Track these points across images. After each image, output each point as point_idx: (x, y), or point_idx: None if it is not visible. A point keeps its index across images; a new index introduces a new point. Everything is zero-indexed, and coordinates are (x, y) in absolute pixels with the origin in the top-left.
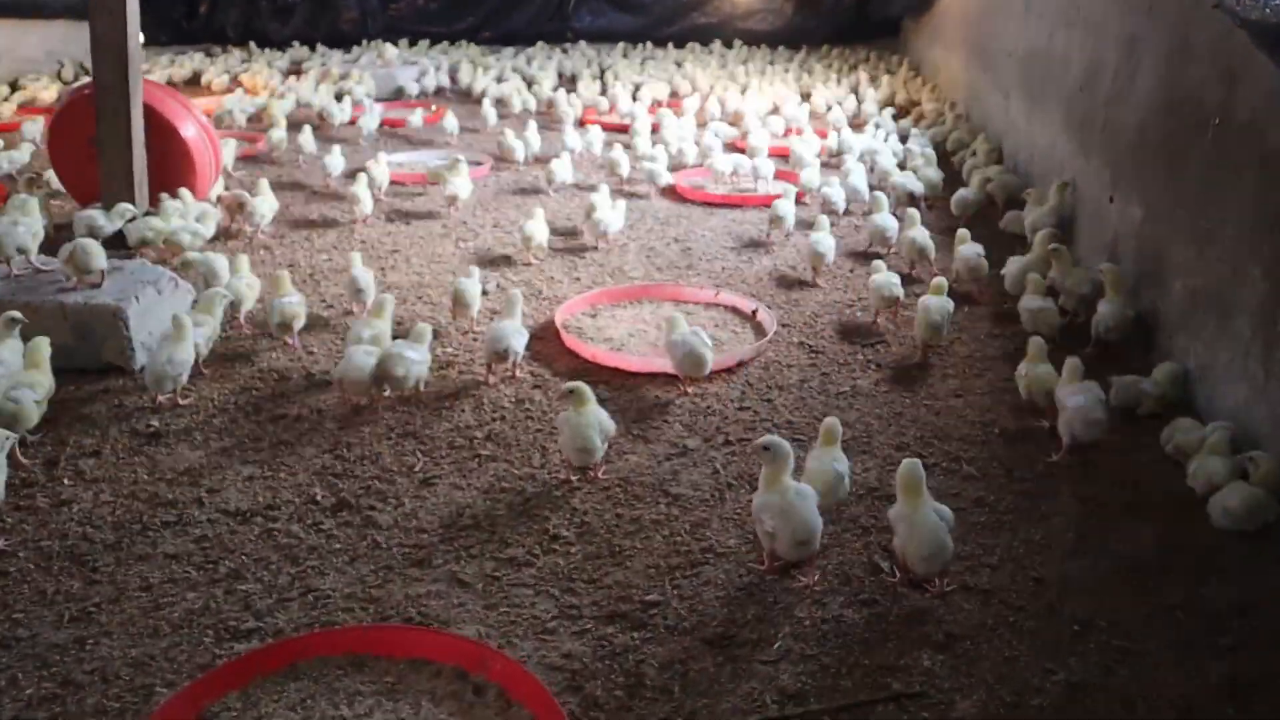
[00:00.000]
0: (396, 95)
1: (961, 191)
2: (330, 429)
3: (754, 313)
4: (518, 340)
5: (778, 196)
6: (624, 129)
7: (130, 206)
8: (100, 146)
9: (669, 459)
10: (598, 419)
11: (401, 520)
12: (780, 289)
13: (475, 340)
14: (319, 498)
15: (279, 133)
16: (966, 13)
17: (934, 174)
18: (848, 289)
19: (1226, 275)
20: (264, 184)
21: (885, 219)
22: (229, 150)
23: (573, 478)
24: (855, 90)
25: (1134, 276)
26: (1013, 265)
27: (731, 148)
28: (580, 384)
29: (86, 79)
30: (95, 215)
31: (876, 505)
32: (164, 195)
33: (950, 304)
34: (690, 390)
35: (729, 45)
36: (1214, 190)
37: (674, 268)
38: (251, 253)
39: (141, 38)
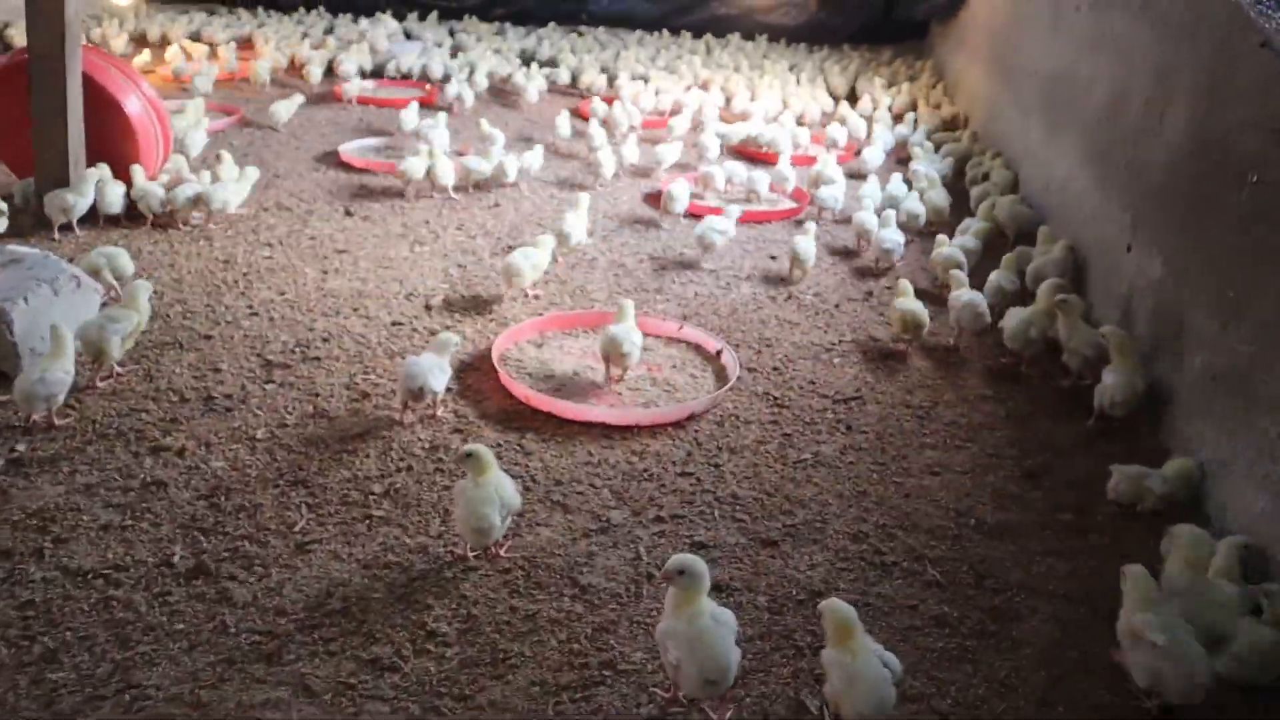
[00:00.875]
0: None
1: (958, 240)
2: (215, 468)
3: (718, 353)
4: (436, 379)
5: (776, 214)
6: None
7: (95, 171)
8: (35, 118)
9: (587, 536)
10: (498, 492)
11: (261, 596)
12: (755, 324)
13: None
14: (176, 559)
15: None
16: (992, 24)
17: (939, 198)
18: (829, 328)
19: (1254, 357)
20: (228, 162)
21: (866, 217)
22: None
23: (470, 554)
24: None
25: (1148, 341)
26: (1013, 317)
27: (742, 155)
28: (479, 449)
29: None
30: (65, 195)
31: (816, 618)
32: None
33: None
34: (615, 384)
35: (749, 38)
36: (1247, 256)
37: (642, 291)
38: (192, 242)
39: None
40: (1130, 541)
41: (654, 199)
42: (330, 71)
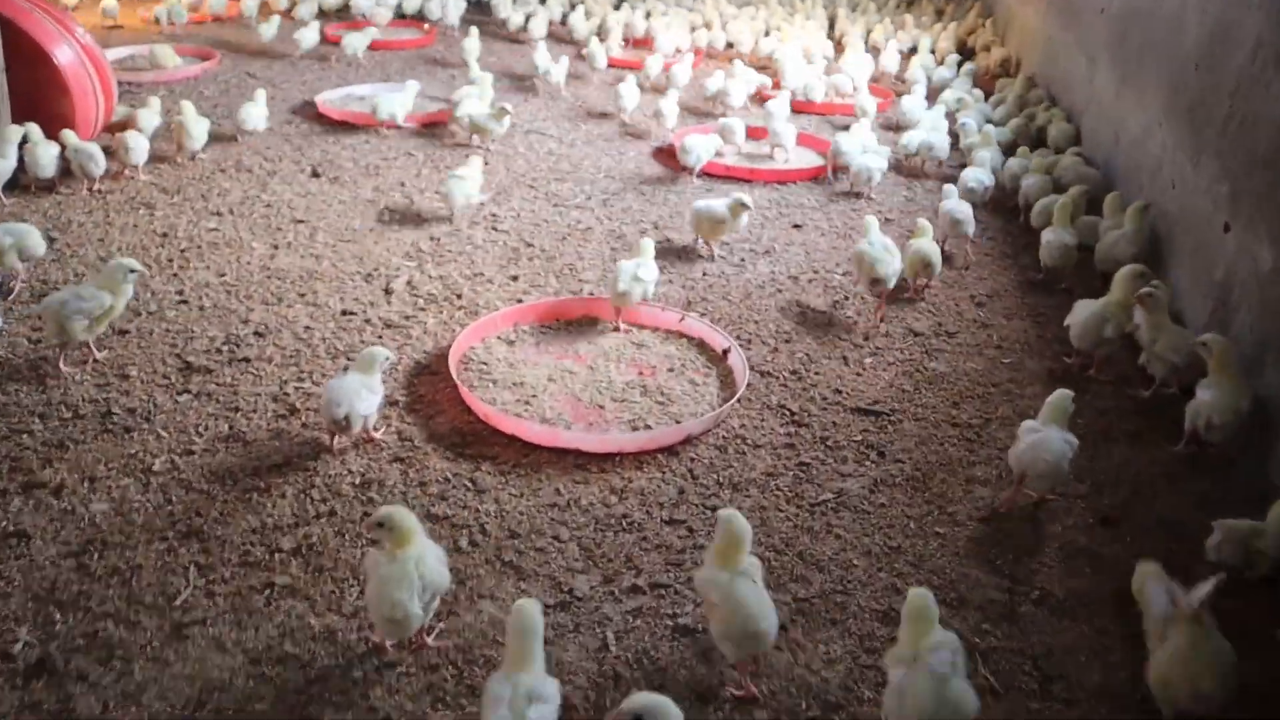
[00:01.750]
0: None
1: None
2: (94, 512)
3: (725, 353)
4: (363, 403)
5: (796, 173)
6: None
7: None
8: None
9: (543, 614)
10: (419, 568)
11: (114, 706)
12: (772, 313)
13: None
14: (18, 648)
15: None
16: None
17: (989, 157)
18: (862, 318)
19: None
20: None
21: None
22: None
23: (388, 645)
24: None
25: (1252, 348)
26: (1082, 310)
27: (759, 99)
28: (395, 514)
29: None
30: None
31: None
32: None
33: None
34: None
35: None
36: None
37: None
38: (130, 210)
39: None
40: (1242, 619)
41: (664, 155)
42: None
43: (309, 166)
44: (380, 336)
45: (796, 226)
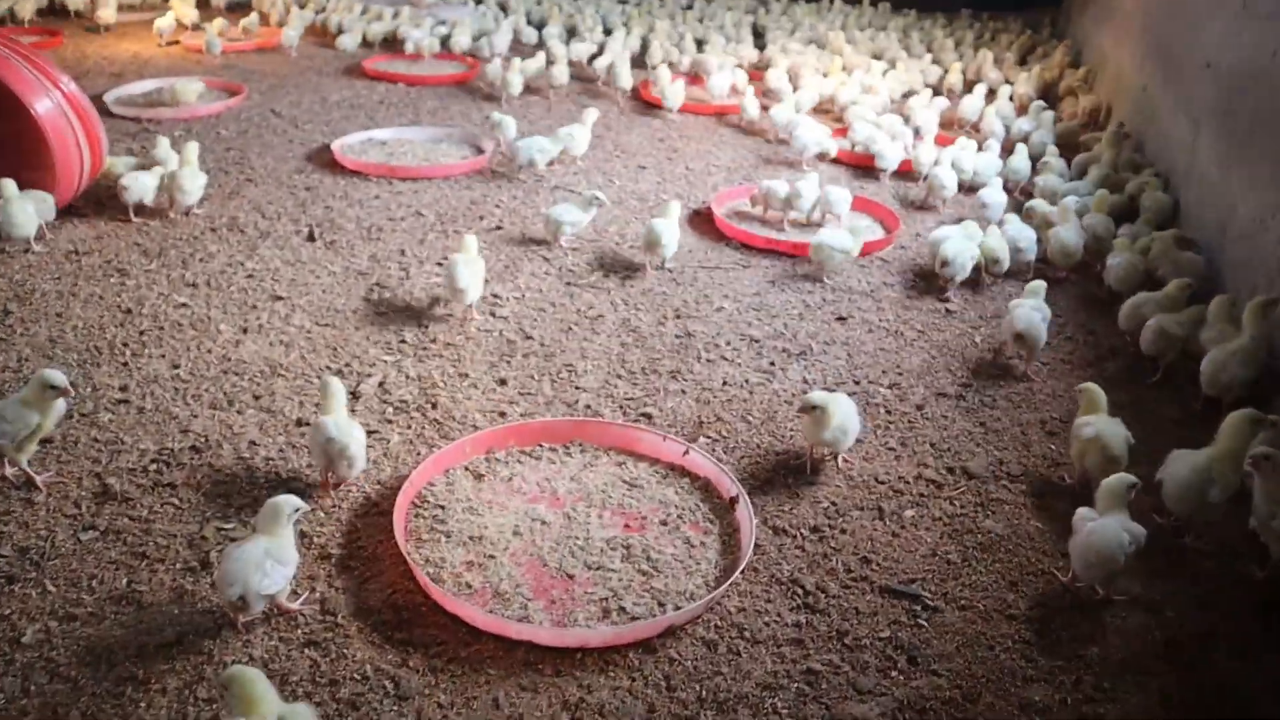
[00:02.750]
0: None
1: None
2: None
3: (733, 501)
4: (266, 578)
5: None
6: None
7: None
8: None
9: None
10: None
11: None
12: (799, 437)
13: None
14: None
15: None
16: None
17: (1071, 235)
18: (906, 448)
19: None
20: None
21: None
22: None
23: None
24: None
25: None
26: (1181, 465)
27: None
28: (241, 676)
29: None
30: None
31: None
32: None
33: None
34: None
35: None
36: None
37: (651, 374)
38: (104, 278)
39: None
40: None
41: (701, 220)
42: (367, 41)
43: (307, 227)
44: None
45: (841, 319)
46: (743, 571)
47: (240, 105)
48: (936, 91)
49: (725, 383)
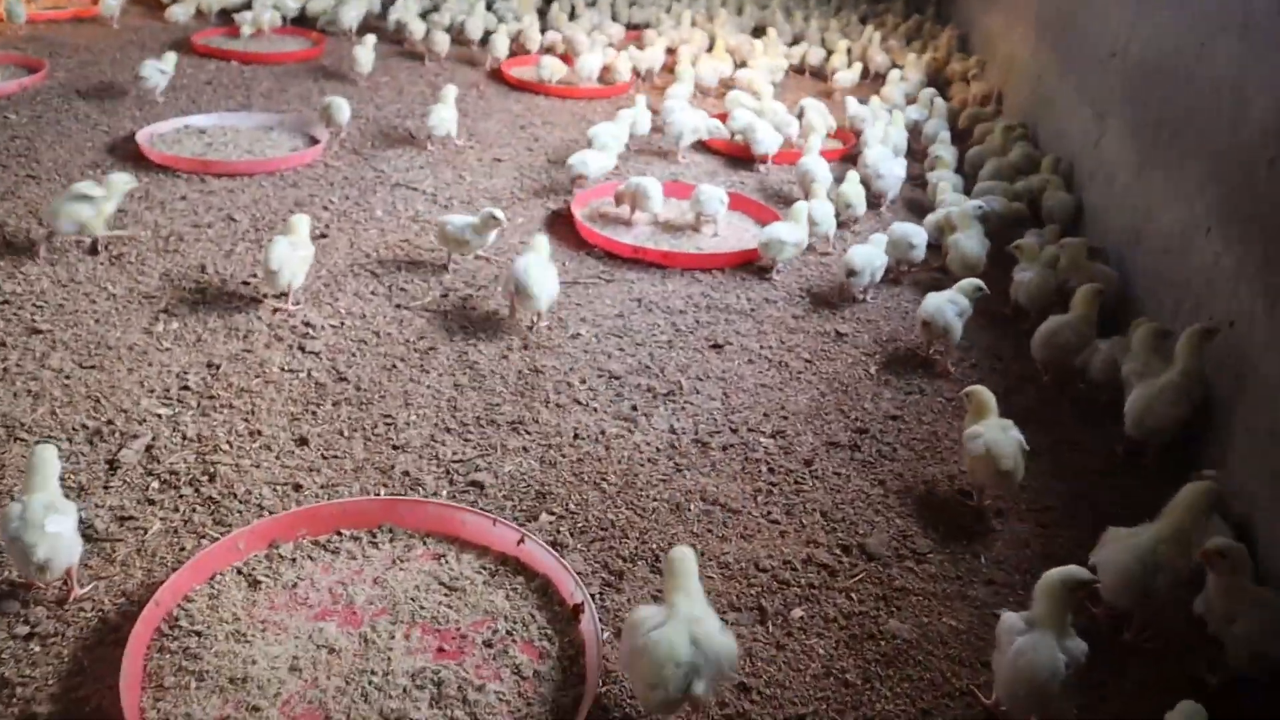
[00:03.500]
0: None
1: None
2: None
3: (577, 611)
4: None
5: (726, 258)
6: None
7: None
8: None
9: None
10: None
11: None
12: (667, 512)
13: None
14: None
15: None
16: None
17: (973, 245)
18: (794, 510)
19: None
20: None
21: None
22: None
23: None
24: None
25: None
26: (1119, 552)
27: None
28: None
29: None
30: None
31: None
32: None
33: None
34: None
35: None
36: None
37: (488, 425)
38: None
39: None
40: None
41: (566, 224)
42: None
43: (90, 236)
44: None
45: (716, 347)
46: (587, 716)
47: (38, 85)
48: (816, 74)
49: (577, 434)
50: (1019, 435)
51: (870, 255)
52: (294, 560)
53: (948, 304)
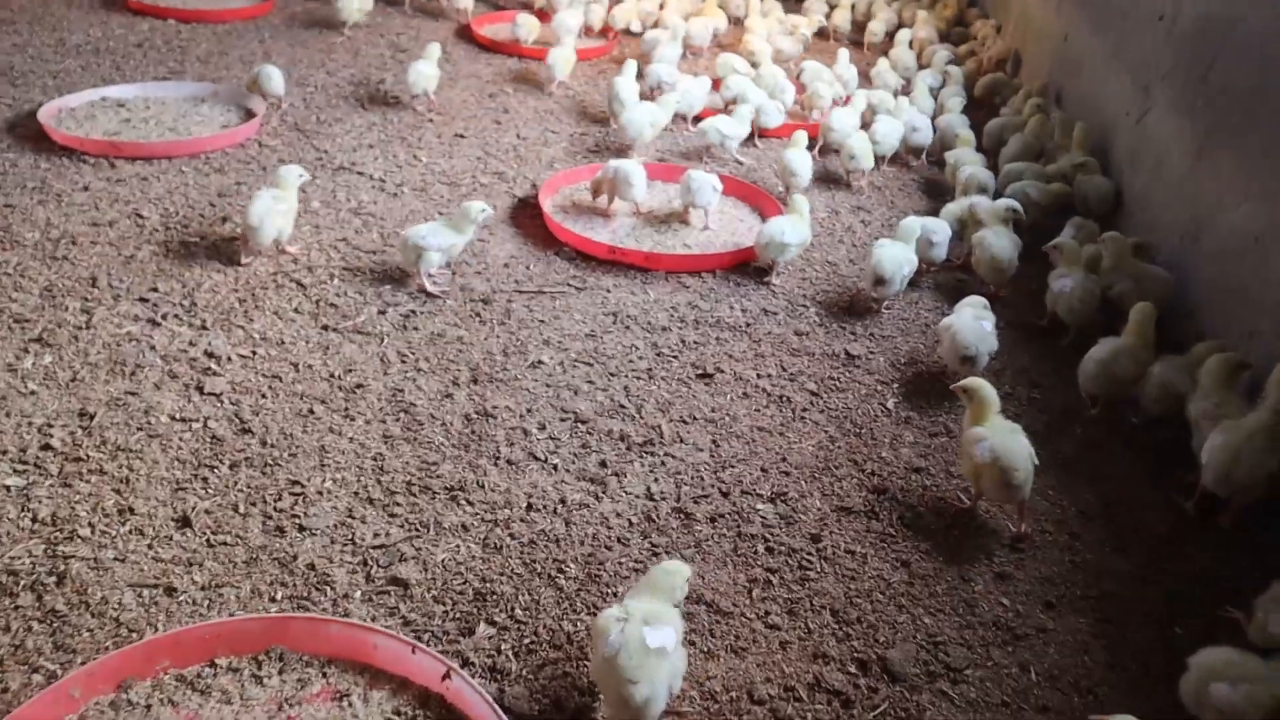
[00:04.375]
0: None
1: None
2: None
3: (445, 677)
4: None
5: (717, 258)
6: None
7: None
8: None
9: None
10: None
11: None
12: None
13: None
14: None
15: None
16: None
17: (1004, 246)
18: (798, 610)
19: None
20: None
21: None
22: None
23: None
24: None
25: None
26: (1209, 660)
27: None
28: None
29: None
30: None
31: None
32: None
33: None
34: None
35: None
36: None
37: (421, 493)
38: None
39: None
40: None
41: (528, 215)
42: None
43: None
44: None
45: (704, 376)
46: None
47: None
48: (821, 35)
49: (531, 504)
50: (1028, 444)
51: (900, 260)
52: (148, 708)
53: (985, 329)
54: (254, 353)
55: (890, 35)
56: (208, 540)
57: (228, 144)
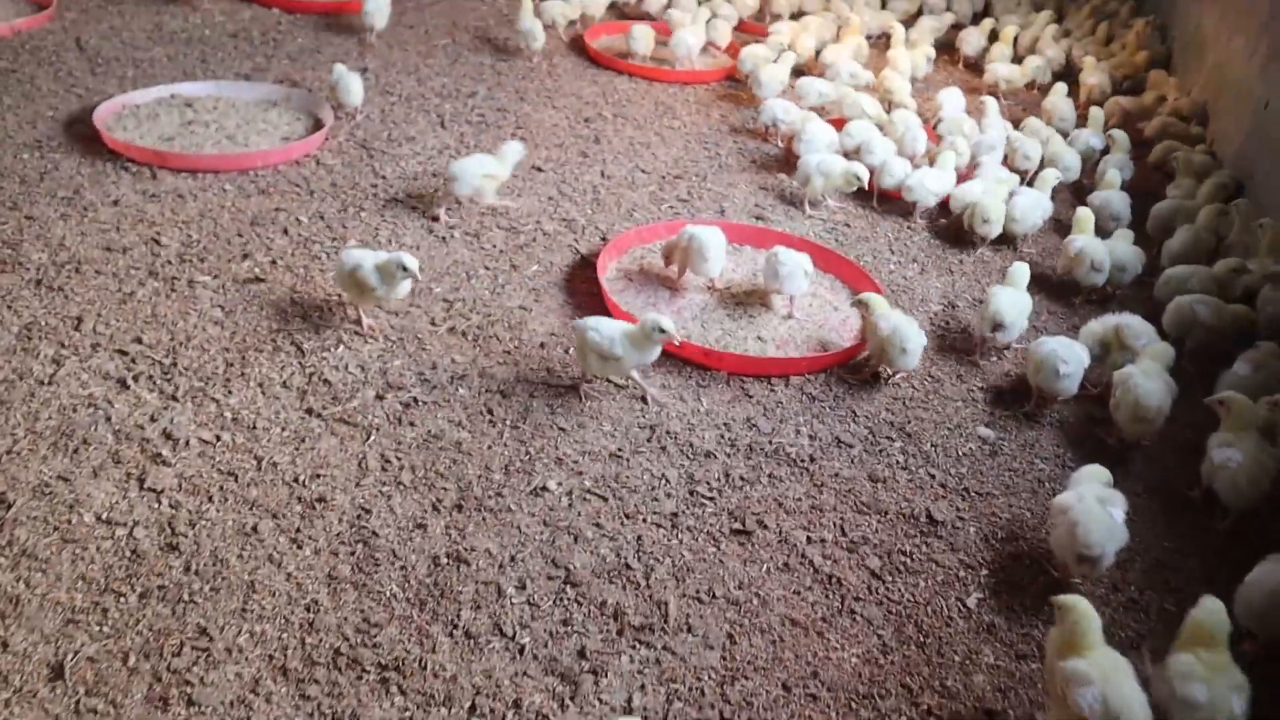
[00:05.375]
0: None
1: None
2: None
3: None
4: None
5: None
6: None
7: None
8: None
9: None
10: None
11: None
12: None
13: None
14: None
15: None
16: None
17: (1154, 391)
18: None
19: None
20: None
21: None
22: None
23: None
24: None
25: None
26: None
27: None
28: None
29: None
30: None
31: None
32: None
33: None
34: None
35: None
36: None
37: (347, 669)
38: None
39: None
40: None
41: (581, 278)
42: None
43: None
44: None
45: (741, 533)
46: None
47: (37, 28)
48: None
49: (474, 708)
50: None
51: (1020, 306)
52: None
53: (1116, 519)
54: (218, 438)
55: (1058, 76)
56: (76, 703)
57: (282, 160)
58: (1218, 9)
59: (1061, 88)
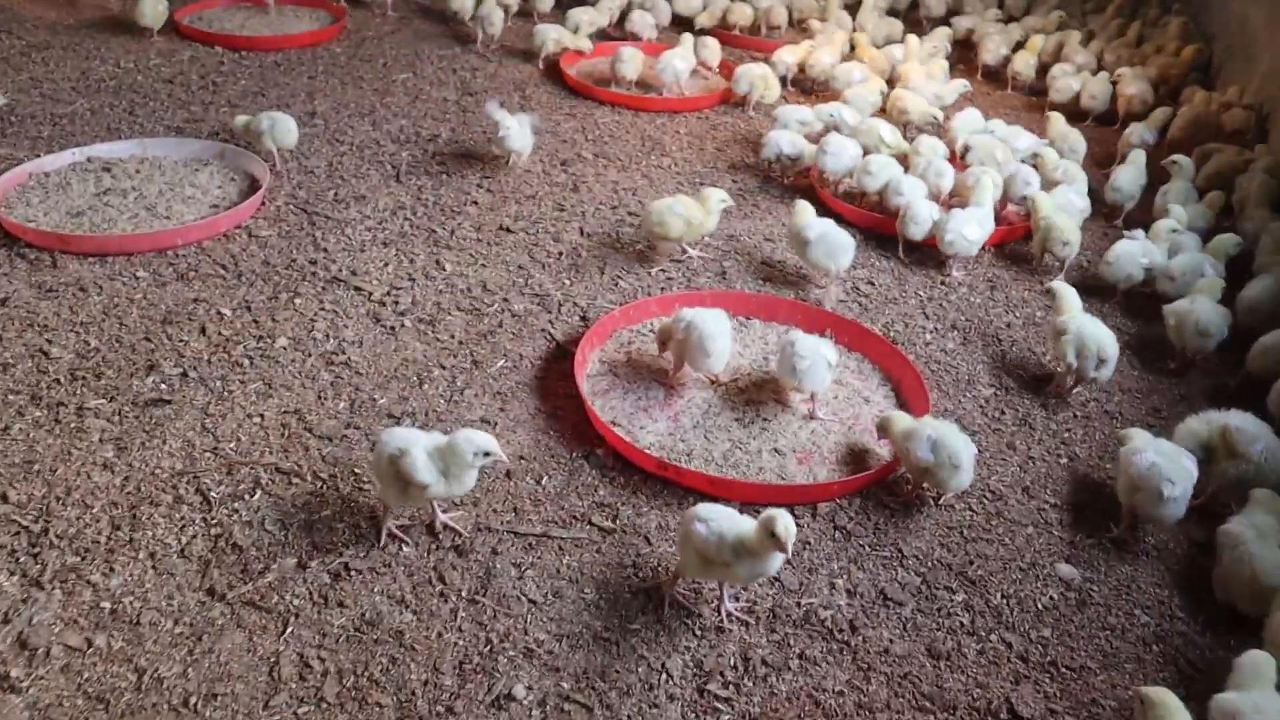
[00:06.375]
0: None
1: None
2: None
3: None
4: None
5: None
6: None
7: None
8: None
9: None
10: None
11: None
12: None
13: None
14: None
15: None
16: None
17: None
18: None
19: None
20: None
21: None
22: None
23: None
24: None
25: None
26: None
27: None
28: None
29: None
30: None
31: None
32: None
33: None
34: None
35: None
36: None
37: None
38: None
39: None
40: None
41: (556, 375)
42: None
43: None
44: None
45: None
46: None
47: None
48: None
49: None
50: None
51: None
52: None
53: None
54: (89, 643)
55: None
56: None
57: (205, 236)
58: (1266, 3)
59: (1102, 89)
